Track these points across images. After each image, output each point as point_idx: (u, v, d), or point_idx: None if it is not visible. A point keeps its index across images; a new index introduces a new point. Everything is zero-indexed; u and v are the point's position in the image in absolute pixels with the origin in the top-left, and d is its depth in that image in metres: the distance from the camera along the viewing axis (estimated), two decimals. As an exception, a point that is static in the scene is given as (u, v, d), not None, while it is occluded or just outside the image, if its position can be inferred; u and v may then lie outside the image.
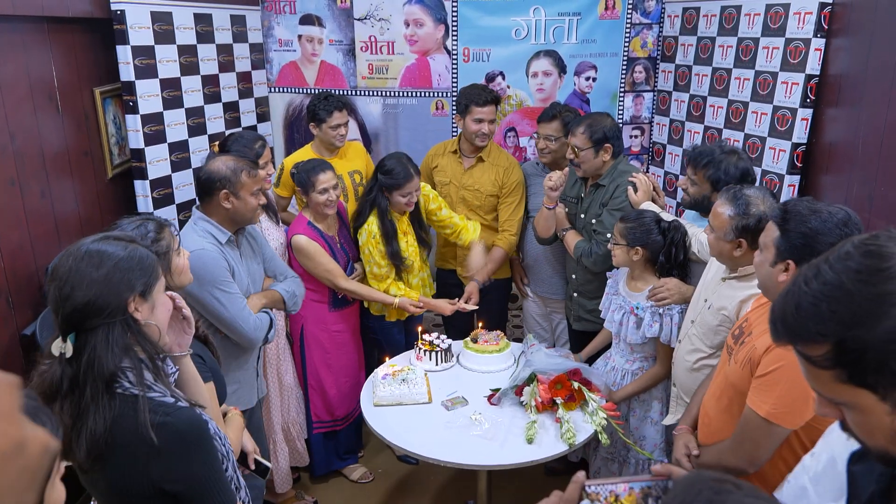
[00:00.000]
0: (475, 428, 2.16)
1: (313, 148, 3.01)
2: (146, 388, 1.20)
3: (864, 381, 0.74)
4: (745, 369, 1.54)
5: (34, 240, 2.27)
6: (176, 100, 2.84)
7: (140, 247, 1.26)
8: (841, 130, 2.46)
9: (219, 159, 2.13)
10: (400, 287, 2.77)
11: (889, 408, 0.73)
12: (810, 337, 0.76)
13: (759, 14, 2.76)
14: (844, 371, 0.75)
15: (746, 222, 1.81)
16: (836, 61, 2.47)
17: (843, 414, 0.79)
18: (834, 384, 0.76)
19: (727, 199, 1.86)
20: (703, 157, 2.24)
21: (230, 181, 2.07)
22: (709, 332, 1.98)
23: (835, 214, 1.41)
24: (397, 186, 2.65)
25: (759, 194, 1.84)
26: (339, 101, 2.92)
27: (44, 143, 2.32)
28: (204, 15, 3.01)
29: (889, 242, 0.75)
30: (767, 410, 1.46)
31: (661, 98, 3.51)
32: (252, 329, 2.10)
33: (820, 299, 0.75)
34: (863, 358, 0.73)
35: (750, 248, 1.83)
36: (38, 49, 2.30)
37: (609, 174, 2.64)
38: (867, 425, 0.77)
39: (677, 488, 0.67)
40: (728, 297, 1.91)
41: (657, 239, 2.27)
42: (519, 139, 3.62)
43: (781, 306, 0.80)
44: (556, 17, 3.42)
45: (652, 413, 2.39)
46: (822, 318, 0.75)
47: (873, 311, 0.71)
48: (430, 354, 2.54)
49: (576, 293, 2.80)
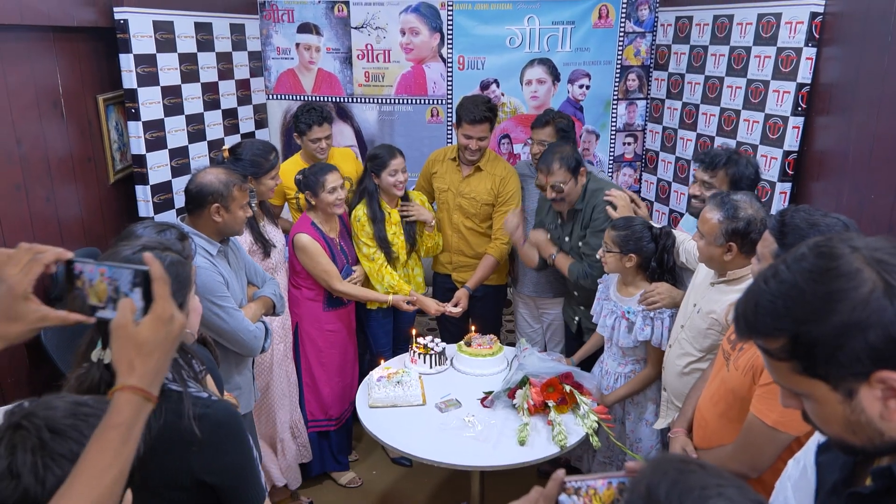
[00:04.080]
0: (468, 430, 2.19)
1: (301, 156, 3.07)
2: (185, 384, 1.22)
3: (817, 373, 0.78)
4: (746, 376, 1.56)
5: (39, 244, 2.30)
6: (176, 107, 2.89)
7: (174, 254, 1.25)
8: (832, 138, 2.50)
9: (210, 172, 2.13)
10: (394, 276, 2.83)
11: (840, 397, 0.78)
12: (768, 332, 0.81)
13: (751, 23, 2.81)
14: (799, 363, 0.79)
15: (736, 226, 1.85)
16: (828, 70, 2.50)
17: (804, 405, 0.84)
18: (791, 375, 0.81)
19: (715, 205, 1.91)
20: (720, 158, 2.28)
21: (222, 195, 2.07)
22: (698, 336, 2.02)
23: (833, 226, 1.44)
24: (384, 165, 2.78)
25: (746, 199, 1.89)
26: (320, 115, 2.93)
27: (48, 149, 2.36)
28: (204, 24, 3.07)
29: (840, 244, 0.79)
30: (775, 419, 1.47)
31: (653, 106, 3.56)
32: (252, 339, 2.13)
33: (777, 297, 0.80)
34: (814, 351, 0.77)
35: (740, 251, 1.87)
36: (43, 57, 2.35)
37: (581, 198, 2.64)
38: (823, 414, 0.81)
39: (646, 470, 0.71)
40: (717, 300, 1.95)
41: (649, 245, 2.31)
42: (513, 146, 3.67)
43: (744, 304, 0.85)
44: (550, 25, 3.47)
45: (647, 415, 2.41)
46: (777, 314, 0.80)
47: (823, 308, 0.76)
48: (425, 358, 2.58)
49: (582, 306, 2.79)
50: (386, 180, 2.78)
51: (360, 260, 2.85)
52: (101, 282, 0.90)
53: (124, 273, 0.89)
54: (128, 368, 0.85)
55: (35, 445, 0.80)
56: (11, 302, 0.90)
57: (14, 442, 0.81)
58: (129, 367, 0.85)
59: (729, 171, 2.25)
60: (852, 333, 0.74)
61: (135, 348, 0.85)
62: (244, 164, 2.47)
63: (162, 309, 0.87)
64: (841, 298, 0.75)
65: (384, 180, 2.78)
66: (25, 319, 0.91)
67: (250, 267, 2.36)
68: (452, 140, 3.51)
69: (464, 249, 3.06)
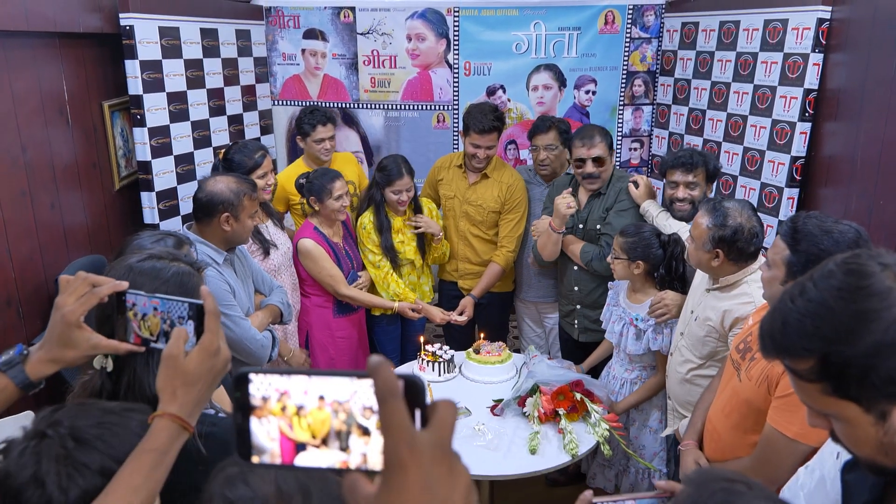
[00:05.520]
0: (479, 438, 2.17)
1: (304, 161, 3.05)
2: None
3: (848, 394, 0.76)
4: (761, 387, 1.54)
5: (43, 250, 2.29)
6: (182, 113, 2.88)
7: (183, 264, 1.23)
8: (839, 144, 2.49)
9: (220, 181, 2.11)
10: (399, 283, 2.80)
11: (873, 419, 0.76)
12: (796, 352, 0.79)
13: (757, 29, 2.81)
14: (829, 384, 0.77)
15: (723, 233, 1.85)
16: (835, 76, 2.50)
17: (832, 425, 0.82)
18: (820, 396, 0.79)
19: (707, 210, 1.91)
20: (694, 157, 2.38)
21: (232, 204, 2.05)
22: (697, 343, 2.01)
23: (845, 234, 1.43)
24: (388, 183, 2.76)
25: (738, 207, 1.89)
26: (324, 116, 2.93)
27: (54, 156, 2.35)
28: (210, 30, 3.06)
29: (870, 261, 0.77)
30: (796, 431, 1.45)
31: (660, 111, 3.55)
32: (259, 347, 2.11)
33: (805, 316, 0.78)
34: (846, 372, 0.75)
35: (727, 258, 1.88)
36: (49, 64, 2.33)
37: (607, 182, 2.70)
38: (854, 436, 0.79)
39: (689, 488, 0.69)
40: (712, 307, 1.94)
41: (657, 253, 2.30)
42: (519, 151, 3.66)
43: (769, 323, 0.83)
44: (557, 31, 3.47)
45: (651, 422, 2.40)
46: (806, 334, 0.78)
47: (854, 328, 0.74)
48: (433, 365, 2.56)
49: (579, 305, 2.81)
50: (389, 196, 2.78)
51: (367, 266, 2.83)
52: (155, 316, 0.92)
53: (178, 306, 0.90)
54: (171, 396, 0.87)
55: (60, 455, 0.82)
56: (65, 329, 0.94)
57: (39, 450, 0.82)
58: (172, 396, 0.87)
59: (709, 166, 2.39)
60: (886, 354, 0.72)
61: (180, 377, 0.87)
62: (233, 167, 2.46)
63: (210, 342, 0.89)
64: (874, 318, 0.73)
65: (387, 195, 2.78)
66: (79, 347, 0.95)
67: (258, 275, 2.34)
68: (459, 146, 3.50)
69: (470, 257, 3.04)
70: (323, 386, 0.52)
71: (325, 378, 0.53)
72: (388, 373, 0.48)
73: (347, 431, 0.52)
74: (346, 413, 0.52)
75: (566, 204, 2.55)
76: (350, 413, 0.52)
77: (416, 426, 0.49)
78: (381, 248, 2.80)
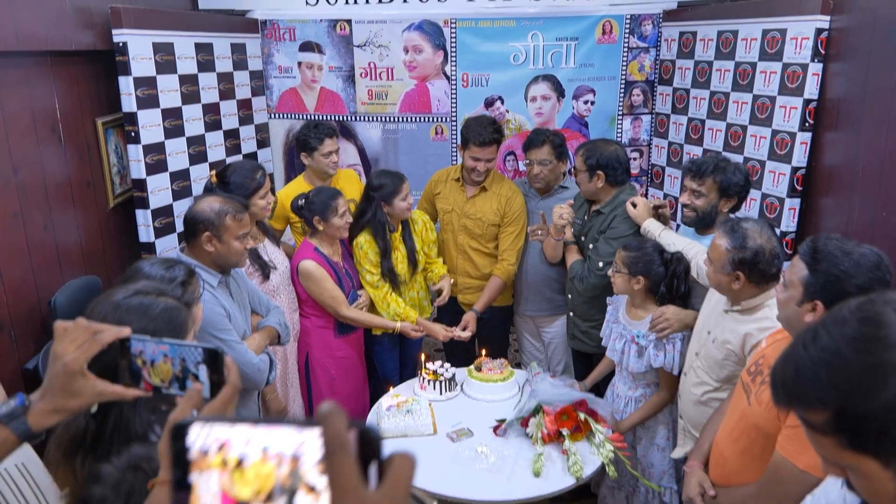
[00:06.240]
0: (481, 462, 2.14)
1: (305, 178, 2.97)
2: None
3: (866, 449, 0.73)
4: (771, 412, 1.50)
5: (36, 272, 2.25)
6: (177, 129, 2.84)
7: (170, 299, 1.20)
8: (841, 154, 2.48)
9: (205, 200, 2.06)
10: (399, 303, 2.78)
11: (892, 475, 0.73)
12: (810, 403, 0.76)
13: (755, 39, 2.79)
14: (845, 438, 0.74)
15: (743, 255, 1.80)
16: (835, 85, 2.49)
17: (848, 475, 0.78)
18: (836, 449, 0.76)
19: (725, 232, 1.86)
20: (708, 165, 2.26)
21: (213, 224, 1.99)
22: (714, 366, 1.97)
23: (867, 257, 1.39)
24: (395, 192, 2.70)
25: (757, 227, 1.84)
26: (330, 129, 2.89)
27: (46, 175, 2.31)
28: (205, 44, 3.03)
29: (885, 308, 0.74)
30: (807, 462, 1.41)
31: (659, 121, 3.53)
32: (256, 372, 2.06)
33: (819, 365, 0.75)
34: (863, 427, 0.72)
35: (748, 280, 1.83)
36: (41, 82, 2.30)
37: (610, 203, 2.63)
38: (871, 490, 0.76)
39: None
40: (731, 330, 1.90)
41: (659, 269, 2.27)
42: (518, 163, 3.63)
43: (781, 370, 0.79)
44: (555, 42, 3.45)
45: (658, 440, 2.36)
46: (821, 385, 0.74)
47: (872, 381, 0.71)
48: (434, 384, 2.53)
49: (571, 312, 2.80)
50: (399, 206, 2.71)
51: (365, 287, 2.78)
52: (165, 363, 0.89)
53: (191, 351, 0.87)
54: None
55: None
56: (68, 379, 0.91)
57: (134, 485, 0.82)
58: None
59: (717, 179, 2.25)
60: None
61: None
62: (231, 189, 2.38)
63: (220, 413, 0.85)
64: (892, 371, 0.70)
65: (396, 206, 2.71)
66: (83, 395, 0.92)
67: (254, 295, 2.30)
68: (457, 158, 3.48)
69: (469, 271, 3.01)
70: (267, 436, 0.49)
71: (269, 428, 0.49)
72: (337, 423, 0.45)
73: (293, 488, 0.47)
74: (292, 467, 0.48)
75: (559, 214, 2.58)
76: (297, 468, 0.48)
77: (370, 482, 0.46)
78: (380, 269, 2.76)
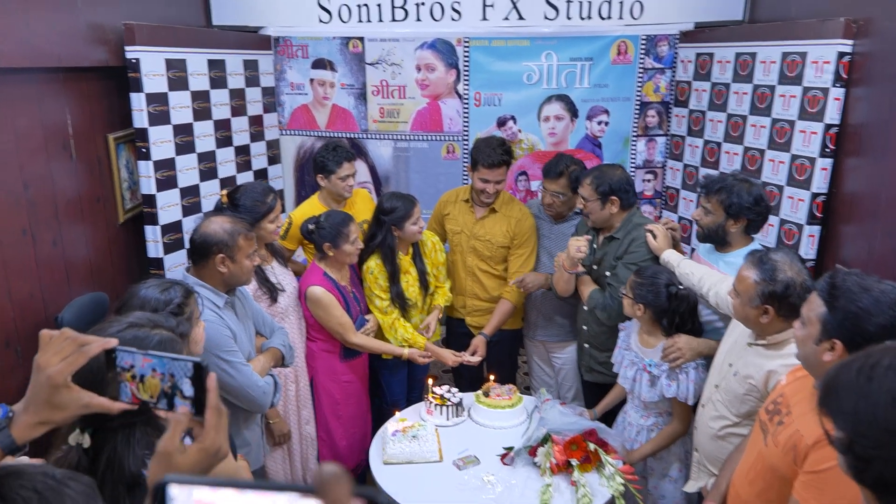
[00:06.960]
0: (488, 491, 2.08)
1: (320, 199, 2.93)
2: None
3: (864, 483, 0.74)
4: (787, 455, 1.45)
5: (44, 289, 2.24)
6: (188, 145, 2.84)
7: (164, 331, 1.18)
8: (863, 181, 2.41)
9: (214, 221, 2.04)
10: (407, 329, 2.73)
11: None
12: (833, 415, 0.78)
13: (774, 62, 2.74)
14: None
15: (773, 288, 1.74)
16: (857, 111, 2.43)
17: None
18: None
19: (753, 263, 1.80)
20: (716, 184, 2.22)
21: (227, 245, 1.98)
22: (734, 401, 1.90)
23: (887, 294, 1.34)
24: (407, 216, 2.67)
25: (787, 259, 1.77)
26: (348, 152, 2.86)
27: (56, 192, 2.31)
28: (217, 60, 3.03)
29: None
30: None
31: (674, 143, 3.48)
32: (261, 394, 2.04)
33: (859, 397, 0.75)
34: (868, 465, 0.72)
35: (777, 314, 1.76)
36: (53, 99, 2.30)
37: (623, 227, 2.57)
38: None
39: None
40: (755, 365, 1.83)
41: (662, 303, 2.23)
42: (530, 183, 3.59)
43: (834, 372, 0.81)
44: (569, 62, 3.42)
45: (671, 472, 2.30)
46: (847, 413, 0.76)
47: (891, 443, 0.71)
48: (441, 409, 2.47)
49: (587, 344, 2.73)
50: (409, 230, 2.68)
51: (373, 312, 2.74)
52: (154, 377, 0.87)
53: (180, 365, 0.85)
54: None
55: None
56: (52, 391, 0.90)
57: None
58: None
59: (721, 198, 2.19)
60: None
61: None
62: (241, 211, 2.36)
63: (212, 442, 0.84)
64: None
65: (407, 230, 2.68)
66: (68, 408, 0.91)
67: (258, 316, 2.27)
68: (468, 178, 3.44)
69: (478, 293, 2.96)
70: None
71: (259, 494, 0.42)
72: (341, 492, 0.39)
73: None
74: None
75: (577, 247, 2.49)
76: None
77: None
78: (390, 295, 2.72)
